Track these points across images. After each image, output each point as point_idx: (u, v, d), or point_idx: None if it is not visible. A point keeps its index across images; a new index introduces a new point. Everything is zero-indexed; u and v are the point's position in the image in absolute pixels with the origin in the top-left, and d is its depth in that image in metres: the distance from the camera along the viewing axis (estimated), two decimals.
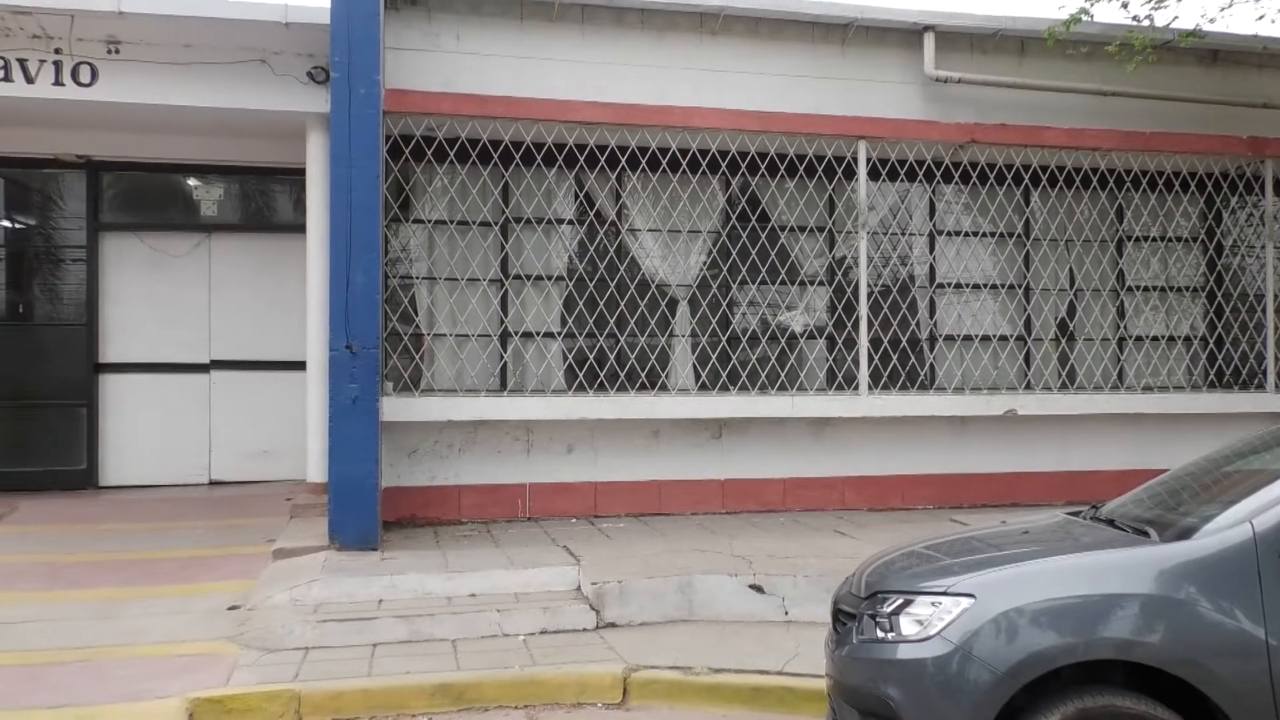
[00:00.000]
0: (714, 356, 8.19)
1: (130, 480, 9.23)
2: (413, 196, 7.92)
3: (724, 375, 8.14)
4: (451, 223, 7.88)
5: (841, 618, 3.74)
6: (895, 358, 8.33)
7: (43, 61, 7.62)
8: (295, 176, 9.17)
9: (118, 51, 7.69)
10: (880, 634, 3.42)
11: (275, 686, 4.69)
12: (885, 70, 8.25)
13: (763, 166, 8.10)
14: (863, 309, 8.17)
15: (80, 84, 7.68)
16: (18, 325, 9.26)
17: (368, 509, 6.61)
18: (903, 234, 8.73)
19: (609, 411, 7.65)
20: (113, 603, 5.88)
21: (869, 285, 8.26)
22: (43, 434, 9.12)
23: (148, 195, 9.52)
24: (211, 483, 9.35)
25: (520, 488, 7.84)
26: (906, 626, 3.34)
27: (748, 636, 5.55)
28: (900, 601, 3.41)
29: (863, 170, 8.15)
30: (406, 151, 7.51)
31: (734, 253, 8.26)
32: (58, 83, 7.65)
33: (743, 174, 8.16)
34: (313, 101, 7.97)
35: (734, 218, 8.32)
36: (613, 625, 5.68)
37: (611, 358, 8.03)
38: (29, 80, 7.62)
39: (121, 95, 7.76)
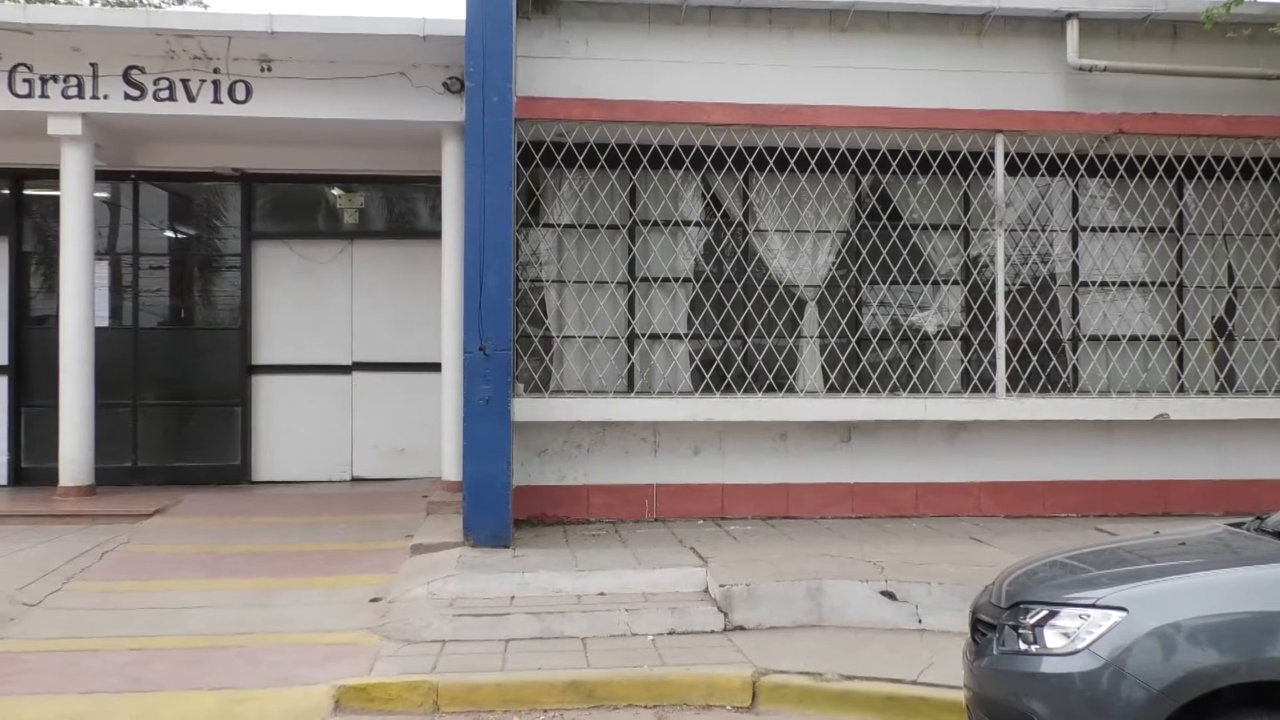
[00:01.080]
0: (843, 358, 8.06)
1: (280, 476, 9.73)
2: (542, 201, 8.08)
3: (853, 377, 7.99)
4: (580, 226, 8.01)
5: (980, 628, 3.62)
6: (1035, 359, 8.01)
7: (203, 81, 8.14)
8: (431, 184, 9.50)
9: (270, 70, 8.14)
10: (1023, 646, 3.29)
11: (415, 677, 4.86)
12: (1024, 61, 7.94)
13: (894, 164, 7.92)
14: (999, 308, 7.89)
15: (236, 101, 8.16)
16: (179, 329, 9.90)
17: (500, 507, 6.77)
18: (1042, 230, 8.39)
19: (736, 413, 7.62)
20: (266, 592, 6.20)
21: (1006, 284, 7.96)
22: (202, 432, 9.72)
23: (295, 205, 10.03)
24: (353, 479, 9.77)
25: (647, 488, 7.90)
26: (1051, 639, 3.21)
27: (879, 644, 5.43)
28: (1045, 613, 3.28)
29: (1000, 165, 7.87)
30: (537, 157, 7.66)
31: (864, 252, 8.10)
32: (216, 100, 8.16)
33: (873, 172, 8.00)
34: (448, 111, 8.25)
35: (864, 216, 8.17)
36: (740, 628, 5.65)
37: (739, 359, 8.00)
38: (191, 99, 8.16)
39: (273, 111, 8.21)
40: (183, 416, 9.71)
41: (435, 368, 9.01)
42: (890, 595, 5.76)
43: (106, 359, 8.84)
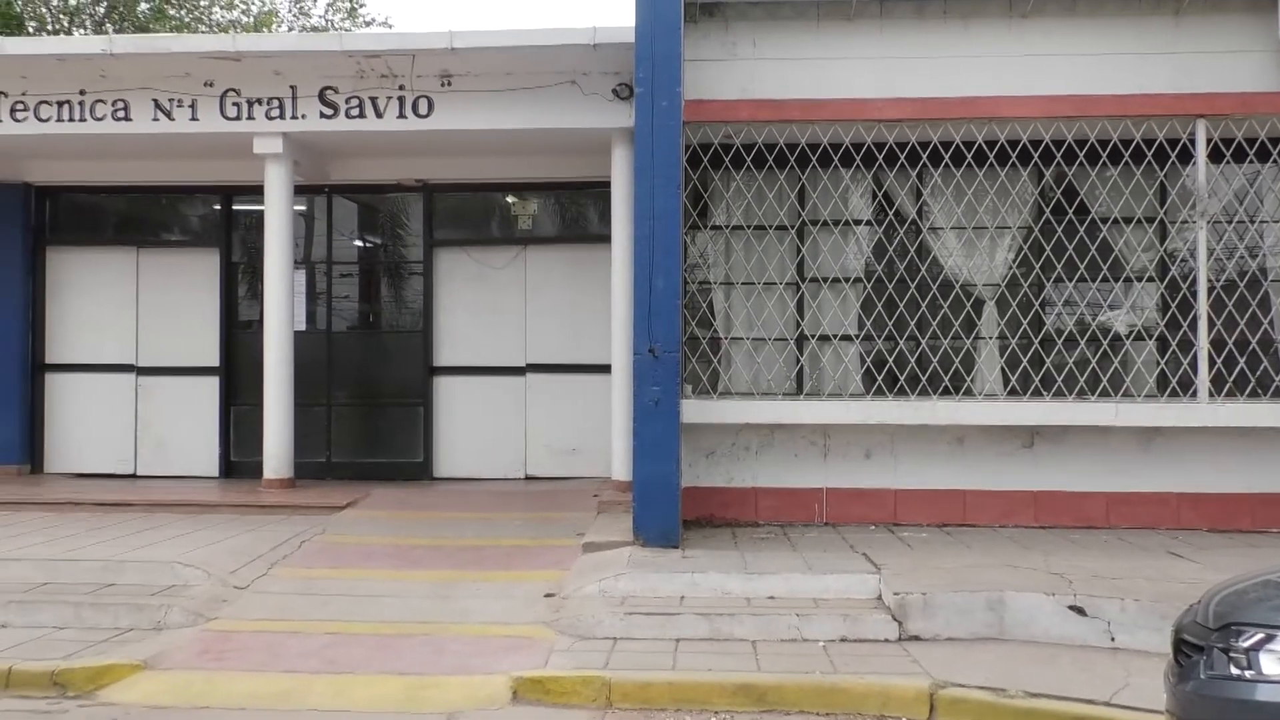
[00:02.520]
0: (1025, 360, 7.70)
1: (458, 473, 10.15)
2: (710, 203, 8.11)
3: (1036, 380, 7.63)
4: (748, 227, 7.98)
5: (1185, 649, 3.38)
6: (1242, 361, 7.40)
7: (389, 98, 8.60)
8: (600, 189, 9.70)
9: (450, 84, 8.52)
10: (1235, 671, 3.06)
11: (588, 672, 4.97)
12: (1228, 39, 7.36)
13: (1080, 154, 7.50)
14: (1202, 306, 7.34)
15: (419, 115, 8.59)
16: (368, 333, 10.50)
17: (669, 508, 6.83)
18: (1251, 222, 7.75)
19: (909, 416, 7.40)
20: (448, 583, 6.48)
21: (1209, 280, 7.40)
22: (388, 430, 10.27)
23: (473, 213, 10.45)
24: (527, 478, 10.07)
25: (817, 492, 7.78)
26: (1268, 665, 2.97)
27: (1066, 661, 5.15)
28: (1260, 636, 3.03)
29: (1201, 152, 7.33)
30: (705, 160, 7.69)
31: (1048, 248, 7.71)
32: (401, 115, 8.61)
33: (1057, 164, 7.60)
34: (617, 117, 8.40)
35: (1047, 211, 7.78)
36: (916, 638, 5.49)
37: (912, 361, 7.78)
38: (378, 115, 8.64)
39: (453, 123, 8.59)
40: (370, 415, 10.29)
41: (605, 369, 9.18)
42: (1079, 610, 5.45)
43: (303, 361, 9.47)
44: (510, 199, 10.39)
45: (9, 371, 10.26)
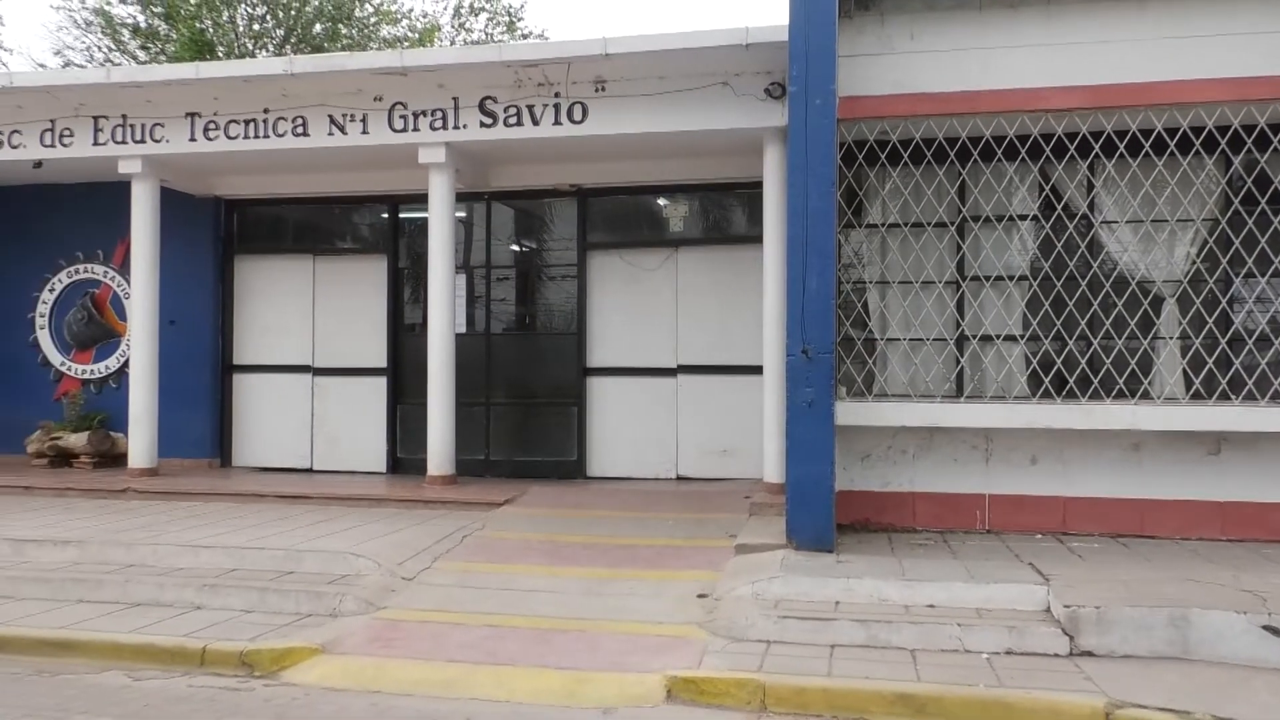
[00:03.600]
0: (1210, 361, 7.19)
1: (611, 472, 10.31)
2: (865, 201, 7.94)
3: (1223, 382, 7.10)
4: (905, 225, 7.77)
5: None
6: None
7: (545, 105, 8.82)
8: (751, 190, 9.66)
9: (603, 90, 8.66)
10: None
11: (742, 675, 4.95)
12: None
13: (1275, 140, 6.95)
14: None
15: (574, 122, 8.77)
16: (524, 334, 10.80)
17: (823, 511, 6.73)
18: None
19: (1079, 421, 7.03)
20: (602, 581, 6.59)
21: None
22: (543, 429, 10.53)
23: (625, 216, 10.58)
24: (678, 478, 10.13)
25: (978, 498, 7.50)
26: None
27: (1259, 685, 4.78)
28: None
29: None
30: (860, 157, 7.54)
31: (1237, 242, 7.18)
32: (557, 122, 8.81)
33: (1249, 150, 7.07)
34: (769, 117, 8.35)
35: (1237, 201, 7.24)
36: (1089, 654, 5.21)
37: (1082, 362, 7.39)
38: (535, 123, 8.87)
39: (606, 128, 8.73)
40: (527, 415, 10.58)
41: (756, 370, 9.13)
42: (1274, 631, 5.05)
43: (463, 362, 9.83)
44: (661, 201, 10.47)
45: (202, 372, 11.09)
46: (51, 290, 11.55)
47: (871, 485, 7.63)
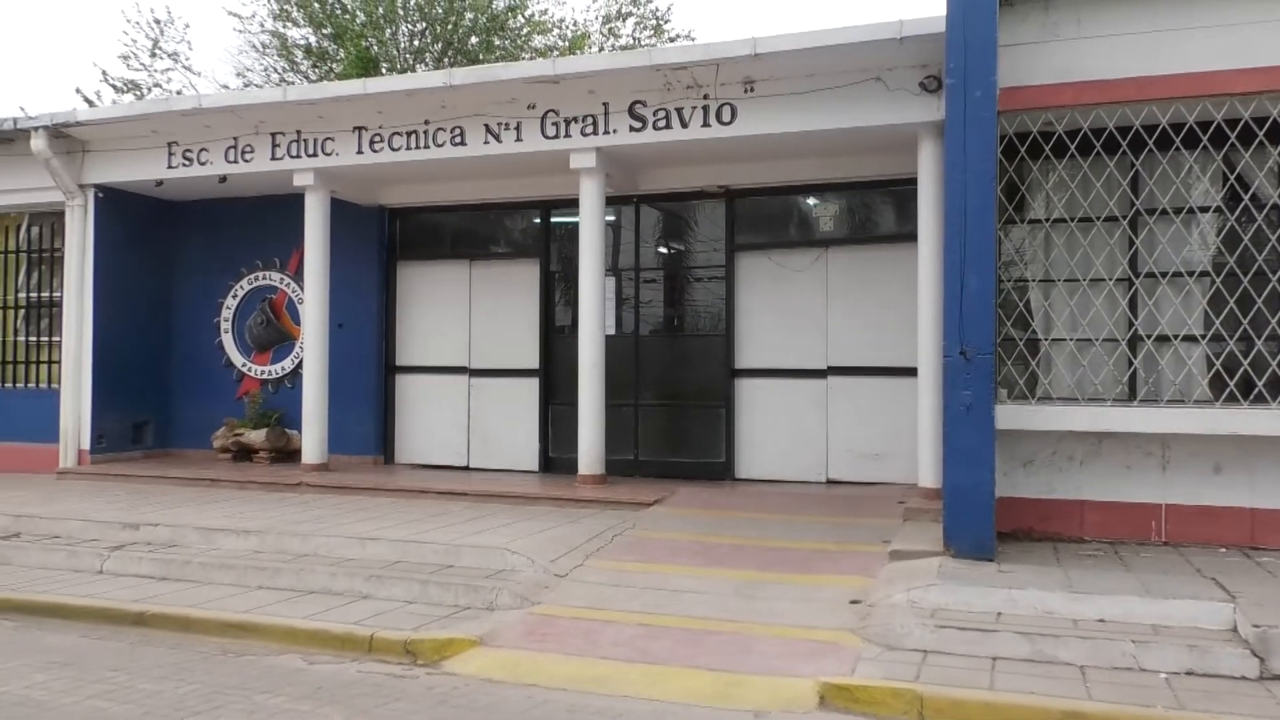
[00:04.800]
0: None
1: (759, 474, 10.24)
2: (1028, 195, 7.61)
3: None
4: (1071, 220, 7.40)
5: None
6: None
7: (694, 108, 8.85)
8: (903, 187, 9.43)
9: (752, 90, 8.62)
10: None
11: (898, 684, 4.82)
12: None
13: None
14: None
15: (722, 123, 8.76)
16: (671, 336, 10.85)
17: (982, 518, 6.48)
18: None
19: (1268, 427, 6.52)
20: (752, 583, 6.55)
21: None
22: (691, 430, 10.56)
23: (773, 216, 10.49)
24: (828, 481, 9.96)
25: (1153, 508, 7.06)
26: None
27: None
28: None
29: None
30: (1022, 150, 7.23)
31: None
32: (705, 124, 8.83)
33: None
34: (924, 111, 8.12)
35: None
36: None
37: (1273, 364, 6.85)
38: (683, 125, 8.91)
39: (755, 129, 8.69)
40: (675, 416, 10.63)
41: (909, 372, 8.89)
42: None
43: (613, 363, 9.96)
44: (811, 201, 10.33)
45: (368, 374, 11.66)
46: (234, 296, 12.38)
47: (1035, 492, 7.30)
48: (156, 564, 7.35)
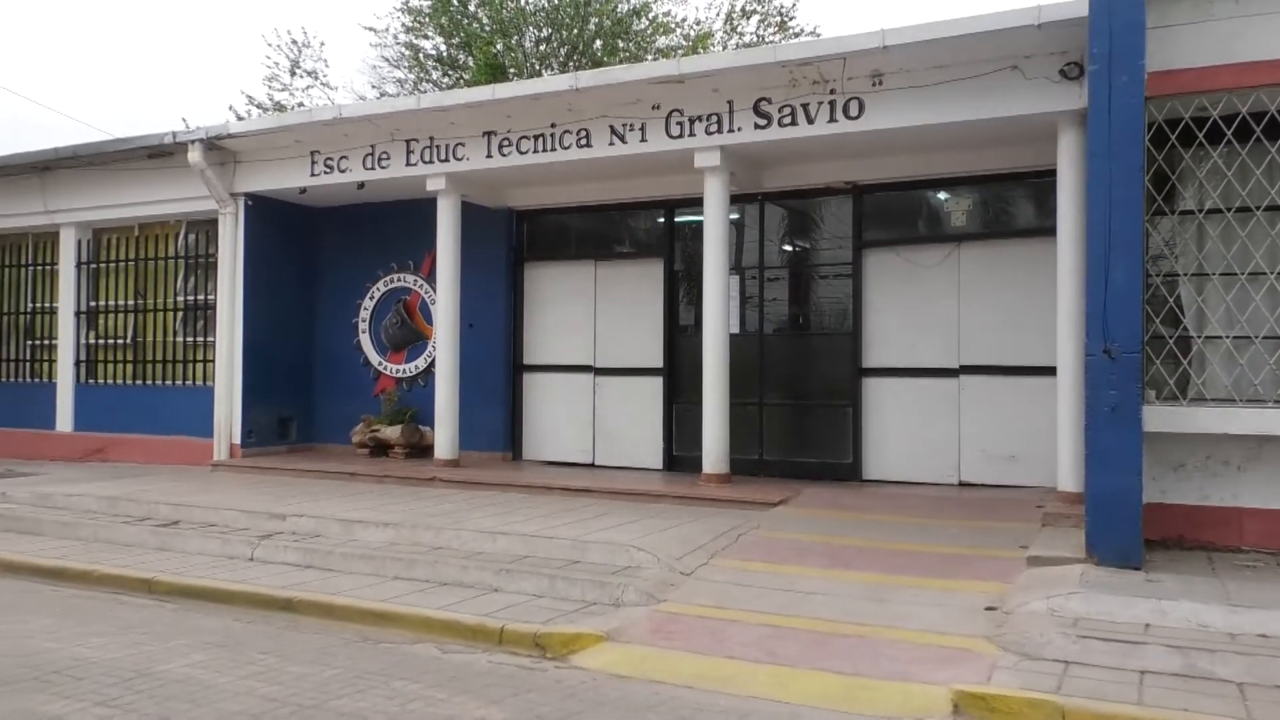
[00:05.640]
0: None
1: (887, 476, 10.02)
2: (1178, 184, 7.20)
3: None
4: (1227, 210, 6.96)
5: None
6: None
7: (820, 103, 8.73)
8: (1040, 179, 9.09)
9: (880, 83, 8.44)
10: None
11: (1038, 695, 4.64)
12: None
13: None
14: None
15: (849, 118, 8.61)
16: (796, 334, 10.73)
17: (1128, 525, 6.17)
18: None
19: None
20: (880, 586, 6.41)
21: None
22: (817, 430, 10.41)
23: (902, 212, 10.25)
24: (960, 484, 9.66)
25: None
26: None
27: None
28: None
29: None
30: (1172, 137, 6.84)
31: None
32: (832, 120, 8.69)
33: None
34: (1063, 100, 7.80)
35: None
36: None
37: None
38: (809, 121, 8.80)
39: (884, 123, 8.50)
40: (800, 415, 10.51)
41: (1047, 371, 8.56)
42: None
43: (737, 362, 9.90)
44: (942, 195, 10.05)
45: (497, 372, 11.95)
46: (371, 298, 12.88)
47: (1186, 499, 6.89)
48: (301, 553, 7.72)
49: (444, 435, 10.89)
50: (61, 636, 5.89)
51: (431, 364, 11.93)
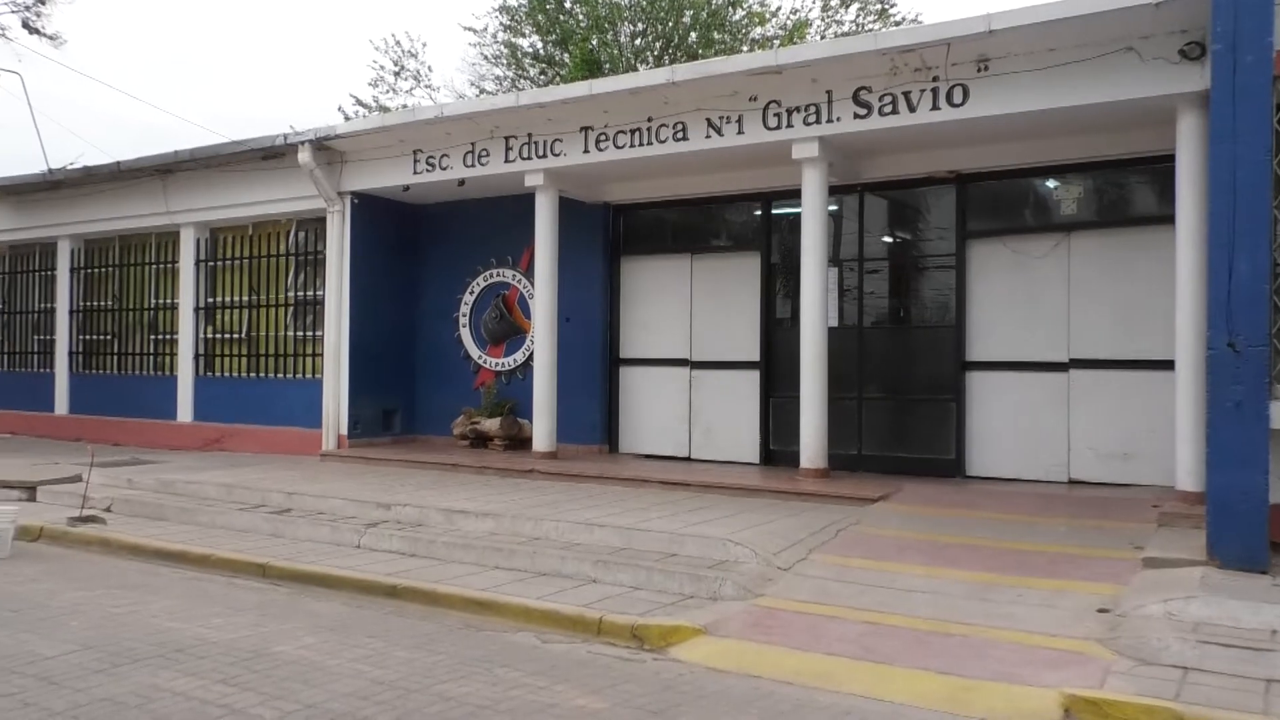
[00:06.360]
0: None
1: (992, 472, 9.75)
2: None
3: None
4: None
5: None
6: None
7: (922, 91, 8.53)
8: (1156, 165, 8.73)
9: (986, 69, 8.20)
10: None
11: (1155, 701, 4.46)
12: None
13: None
14: None
15: (953, 105, 8.39)
16: (896, 327, 10.53)
17: (1253, 526, 5.88)
18: None
19: None
20: (985, 586, 6.25)
21: None
22: (917, 425, 10.20)
23: (1009, 201, 9.94)
24: (1070, 481, 9.34)
25: None
26: None
27: None
28: None
29: None
30: None
31: None
32: (935, 107, 8.48)
33: None
34: (1183, 81, 7.46)
35: None
36: None
37: None
38: (911, 110, 8.60)
39: (990, 109, 8.26)
40: (900, 410, 10.31)
41: (1163, 365, 8.22)
42: None
43: (835, 356, 9.77)
44: (1051, 183, 9.71)
45: (594, 365, 12.06)
46: (471, 293, 13.14)
47: None
48: (405, 541, 7.93)
49: (542, 428, 11.04)
50: (184, 617, 6.18)
51: (530, 357, 12.11)
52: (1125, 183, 9.46)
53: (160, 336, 14.91)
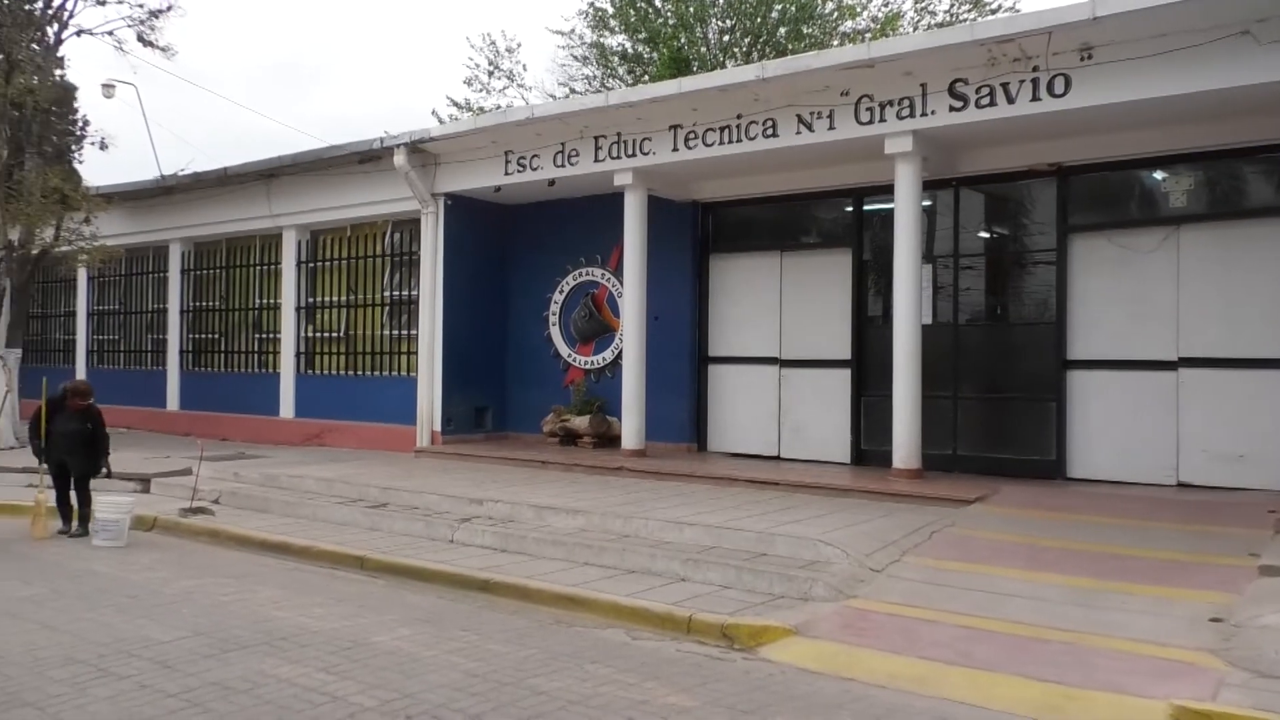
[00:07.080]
0: None
1: (1095, 474, 9.42)
2: None
3: None
4: None
5: None
6: None
7: (1021, 81, 8.29)
8: (1272, 154, 8.29)
9: (1090, 57, 7.93)
10: None
11: (1272, 716, 4.24)
12: None
13: None
14: None
15: (1054, 95, 8.14)
16: (993, 325, 10.25)
17: None
18: None
19: None
20: (1087, 591, 6.04)
21: None
22: (1015, 425, 9.92)
23: (1113, 194, 9.59)
24: (1179, 485, 8.96)
25: None
26: None
27: None
28: None
29: None
30: None
31: None
32: (1034, 99, 8.24)
33: None
34: None
35: None
36: None
37: None
38: (1009, 101, 8.38)
39: (1094, 99, 7.99)
40: (997, 409, 10.04)
41: None
42: None
43: (929, 354, 9.56)
44: (1159, 175, 9.33)
45: (682, 363, 12.06)
46: (560, 292, 13.27)
47: None
48: (497, 537, 8.06)
49: (630, 426, 11.08)
50: (287, 606, 6.40)
51: (618, 356, 12.16)
52: (1239, 173, 9.03)
53: (264, 335, 15.45)
